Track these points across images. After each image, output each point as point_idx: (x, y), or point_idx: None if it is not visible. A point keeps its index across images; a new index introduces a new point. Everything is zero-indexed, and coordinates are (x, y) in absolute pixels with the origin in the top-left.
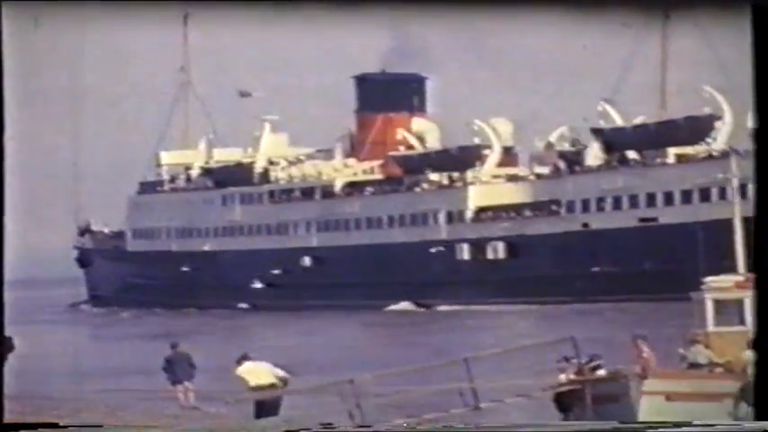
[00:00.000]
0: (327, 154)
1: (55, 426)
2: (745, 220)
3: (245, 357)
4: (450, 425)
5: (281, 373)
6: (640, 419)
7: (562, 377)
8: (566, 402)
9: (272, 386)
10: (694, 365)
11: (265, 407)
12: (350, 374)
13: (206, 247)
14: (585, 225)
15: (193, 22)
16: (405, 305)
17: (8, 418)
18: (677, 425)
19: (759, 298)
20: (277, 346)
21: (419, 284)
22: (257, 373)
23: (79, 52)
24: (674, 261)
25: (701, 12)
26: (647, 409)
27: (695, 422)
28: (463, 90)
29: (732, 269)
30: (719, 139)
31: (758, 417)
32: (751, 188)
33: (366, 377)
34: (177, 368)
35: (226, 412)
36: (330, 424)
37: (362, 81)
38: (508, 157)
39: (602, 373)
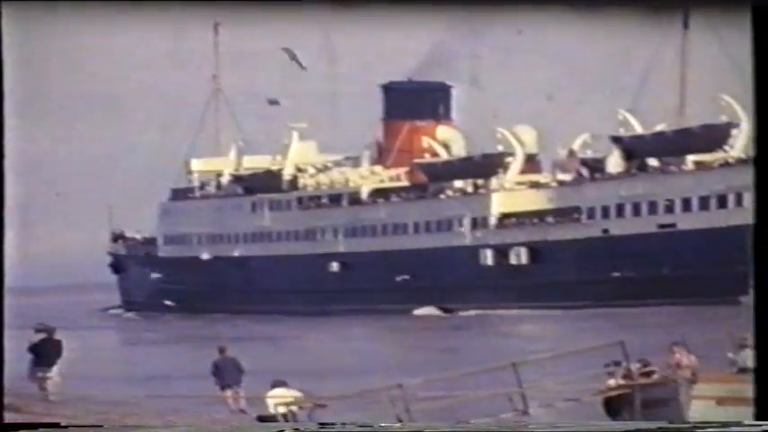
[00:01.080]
0: (355, 161)
1: (55, 426)
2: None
3: (279, 383)
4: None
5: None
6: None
7: (611, 381)
8: (615, 407)
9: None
10: (744, 370)
11: None
12: (379, 379)
13: (236, 253)
14: (606, 231)
15: (224, 30)
16: (429, 310)
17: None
18: (725, 424)
19: (759, 298)
20: (306, 350)
21: (444, 289)
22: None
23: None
24: (691, 266)
25: (716, 18)
26: (697, 413)
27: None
28: (488, 98)
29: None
30: (737, 147)
31: (758, 417)
32: None
33: (415, 381)
34: (225, 373)
35: None
36: (333, 424)
37: (389, 89)
38: (532, 164)
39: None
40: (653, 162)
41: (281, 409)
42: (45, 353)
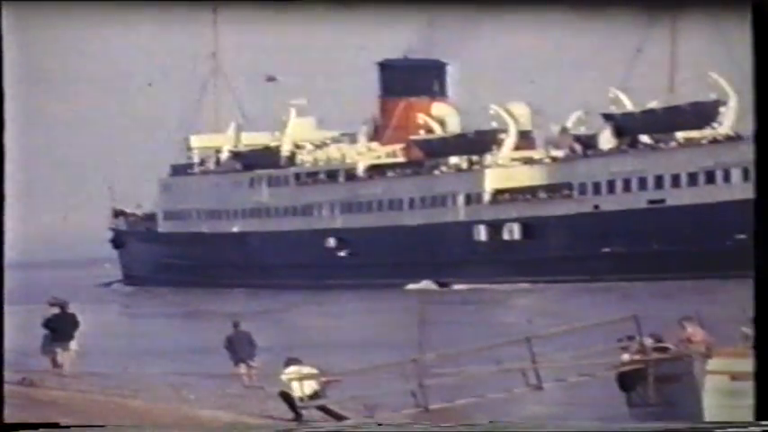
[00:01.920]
0: (352, 137)
1: (56, 426)
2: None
3: (293, 361)
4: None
5: (321, 375)
6: (705, 399)
7: (625, 356)
8: (629, 382)
9: (316, 394)
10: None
11: None
12: (381, 353)
13: (234, 229)
14: (596, 207)
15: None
16: (425, 284)
17: (76, 395)
18: (723, 426)
19: (759, 298)
20: (304, 324)
21: (439, 264)
22: (301, 379)
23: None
24: (680, 241)
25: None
26: (712, 388)
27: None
28: (484, 75)
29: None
30: (725, 124)
31: (758, 417)
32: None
33: (429, 356)
34: (238, 347)
35: None
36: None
37: (385, 67)
38: (525, 140)
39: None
40: (645, 139)
41: (296, 385)
42: (61, 327)
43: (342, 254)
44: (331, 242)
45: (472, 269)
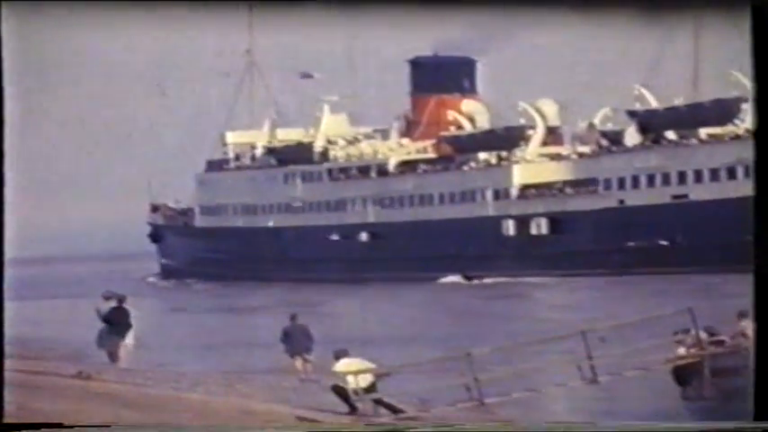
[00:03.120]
0: (384, 134)
1: (58, 425)
2: None
3: (343, 353)
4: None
5: (377, 369)
6: None
7: (681, 350)
8: (684, 376)
9: (371, 387)
10: None
11: None
12: (417, 345)
13: (270, 223)
14: (622, 202)
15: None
16: (454, 278)
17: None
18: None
19: (759, 298)
20: (340, 317)
21: (468, 258)
22: (357, 372)
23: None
24: (703, 236)
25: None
26: None
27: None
28: (513, 72)
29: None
30: (747, 120)
31: (758, 417)
32: None
33: (483, 350)
34: (294, 340)
35: None
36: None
37: (416, 64)
38: (554, 136)
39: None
40: (671, 135)
41: (351, 378)
42: (118, 321)
43: (374, 248)
44: (363, 236)
45: (501, 263)
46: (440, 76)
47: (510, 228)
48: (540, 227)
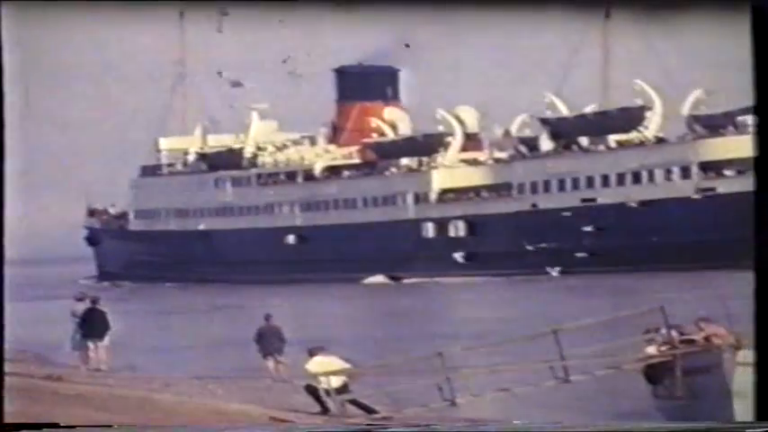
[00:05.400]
0: (312, 140)
1: (57, 426)
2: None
3: (317, 350)
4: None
5: (349, 367)
6: (734, 391)
7: (650, 349)
8: (655, 375)
9: (344, 387)
10: None
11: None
12: (346, 345)
13: (201, 227)
14: (534, 205)
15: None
16: (378, 278)
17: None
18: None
19: (759, 297)
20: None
21: (391, 259)
22: (329, 370)
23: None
24: (610, 238)
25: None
26: (741, 380)
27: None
28: (435, 80)
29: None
30: (651, 128)
31: (758, 417)
32: (676, 172)
33: (454, 349)
34: (267, 341)
35: None
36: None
37: (341, 73)
38: (473, 142)
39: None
40: (584, 141)
41: (342, 381)
42: (94, 322)
43: (301, 250)
44: (290, 239)
45: (422, 264)
46: (364, 85)
47: (430, 230)
48: (458, 229)
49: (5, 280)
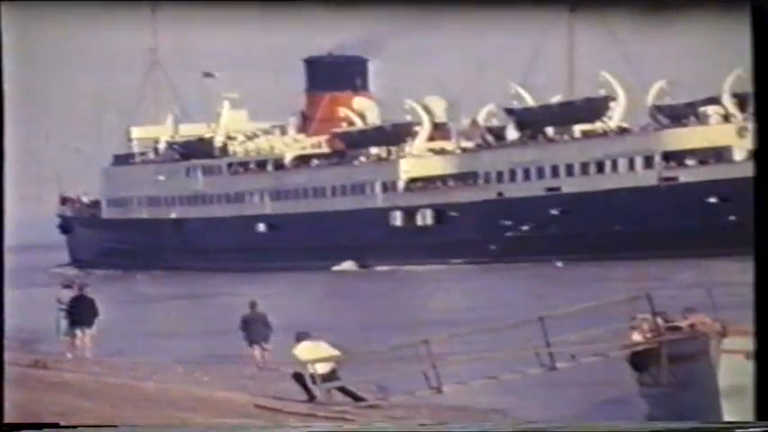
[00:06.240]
0: (282, 129)
1: (57, 426)
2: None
3: (304, 335)
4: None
5: (337, 353)
6: (720, 379)
7: (636, 336)
8: (641, 362)
9: (332, 373)
10: None
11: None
12: (325, 331)
13: (173, 215)
14: (500, 194)
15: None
16: (348, 265)
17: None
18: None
19: (759, 297)
20: (239, 305)
21: (360, 247)
22: (316, 355)
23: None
24: (574, 225)
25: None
26: (727, 368)
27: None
28: (404, 70)
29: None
30: (615, 118)
31: (758, 417)
32: (639, 161)
33: (441, 337)
34: (253, 328)
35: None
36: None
37: (311, 63)
38: (441, 132)
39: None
40: (550, 131)
41: (330, 367)
42: (82, 309)
43: (271, 238)
44: (261, 227)
45: (390, 252)
46: (333, 75)
47: (397, 219)
48: (425, 218)
49: None
